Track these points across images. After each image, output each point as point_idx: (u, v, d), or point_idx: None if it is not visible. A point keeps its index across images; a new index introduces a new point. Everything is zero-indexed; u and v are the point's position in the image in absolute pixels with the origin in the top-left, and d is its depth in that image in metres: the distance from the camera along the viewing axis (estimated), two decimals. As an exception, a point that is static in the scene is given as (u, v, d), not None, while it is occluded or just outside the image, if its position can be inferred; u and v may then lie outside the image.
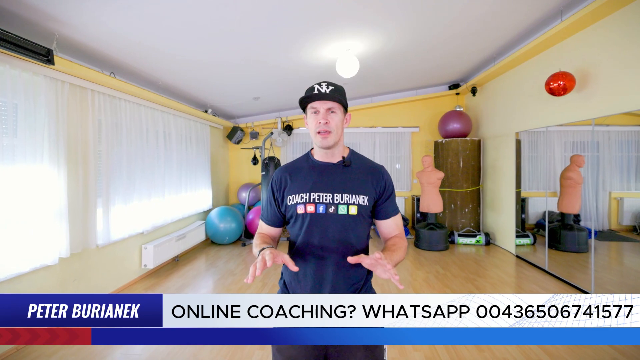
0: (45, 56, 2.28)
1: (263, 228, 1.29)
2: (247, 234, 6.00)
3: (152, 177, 4.23)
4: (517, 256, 4.94)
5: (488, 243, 5.60)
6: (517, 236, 5.03)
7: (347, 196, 1.17)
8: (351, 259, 0.99)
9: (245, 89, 5.31)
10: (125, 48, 3.23)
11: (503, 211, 5.40)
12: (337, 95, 1.16)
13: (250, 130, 7.13)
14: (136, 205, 3.90)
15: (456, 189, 6.06)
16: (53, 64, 2.36)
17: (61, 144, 2.77)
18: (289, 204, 1.19)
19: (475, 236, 5.65)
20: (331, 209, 1.16)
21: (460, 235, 5.74)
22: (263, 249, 1.06)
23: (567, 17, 3.49)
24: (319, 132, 1.16)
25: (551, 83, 3.64)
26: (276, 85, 5.28)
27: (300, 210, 1.17)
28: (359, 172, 1.23)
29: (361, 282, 1.20)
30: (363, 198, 1.18)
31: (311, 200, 1.17)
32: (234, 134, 6.97)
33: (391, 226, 1.26)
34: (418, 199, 6.60)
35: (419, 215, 6.56)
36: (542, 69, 4.25)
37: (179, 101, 5.10)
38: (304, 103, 1.19)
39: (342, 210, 1.16)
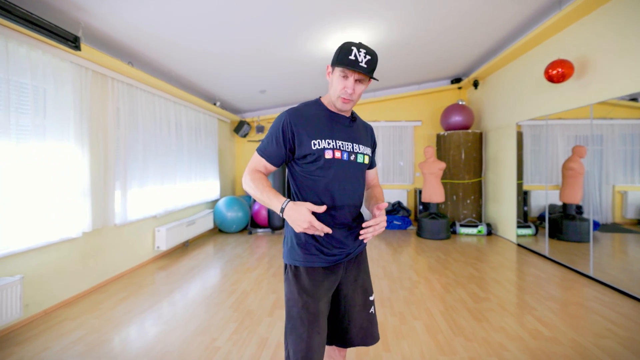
0: (73, 42, 2.48)
1: (260, 164, 1.26)
2: (253, 223, 6.18)
3: (164, 164, 4.43)
4: (519, 245, 5.05)
5: (490, 233, 5.72)
6: (519, 227, 5.13)
7: (362, 147, 1.30)
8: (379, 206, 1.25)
9: (252, 82, 5.49)
10: (142, 38, 3.42)
11: (505, 202, 5.50)
12: (371, 68, 1.18)
13: (256, 124, 7.31)
14: (150, 189, 4.10)
15: (458, 181, 6.18)
16: (79, 50, 2.56)
17: (84, 127, 2.98)
18: (313, 147, 1.20)
19: (477, 226, 5.77)
20: (352, 157, 1.26)
21: (462, 225, 5.85)
22: (287, 201, 1.13)
23: (566, 6, 3.60)
24: (341, 97, 1.21)
25: (550, 70, 3.76)
26: (281, 79, 5.45)
27: (328, 155, 1.21)
28: (361, 128, 1.37)
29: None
30: (369, 150, 1.35)
31: (337, 147, 1.23)
32: (240, 128, 7.16)
33: (375, 173, 1.52)
34: (420, 192, 6.74)
35: (421, 207, 6.69)
36: (542, 59, 4.36)
37: (189, 92, 5.29)
38: (335, 61, 1.20)
39: (359, 159, 1.29)
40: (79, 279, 3.09)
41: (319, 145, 1.21)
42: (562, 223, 4.54)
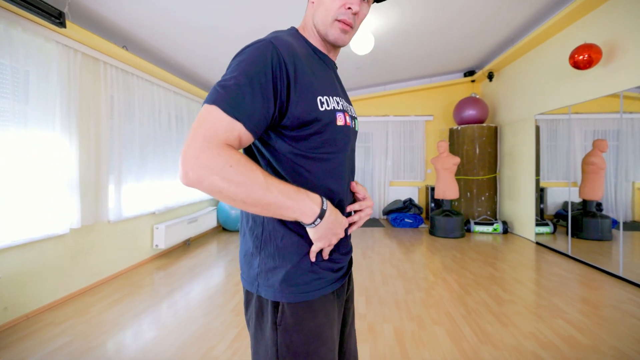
0: (57, 18, 2.25)
1: (232, 133, 0.65)
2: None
3: (164, 158, 4.21)
4: (537, 243, 4.78)
5: (506, 231, 5.44)
6: (537, 225, 4.87)
7: (353, 108, 0.92)
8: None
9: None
10: (137, 17, 3.17)
11: (521, 199, 5.23)
12: None
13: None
14: (148, 184, 3.88)
15: (472, 177, 5.90)
16: (65, 26, 2.34)
17: (73, 115, 2.75)
18: (321, 108, 0.75)
19: (492, 224, 5.49)
20: (353, 124, 0.87)
21: (476, 223, 5.58)
22: (326, 201, 0.74)
23: (593, -14, 3.34)
24: (340, 21, 0.80)
25: (576, 56, 3.49)
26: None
27: (340, 120, 0.79)
28: None
29: None
30: None
31: (345, 108, 0.82)
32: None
33: None
34: (432, 189, 6.47)
35: (433, 204, 6.43)
36: (564, 47, 4.09)
37: (192, 83, 5.07)
38: None
39: (357, 125, 0.91)
40: (68, 279, 2.86)
41: (328, 105, 0.77)
42: (583, 221, 4.29)
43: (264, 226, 0.79)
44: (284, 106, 0.71)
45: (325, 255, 0.79)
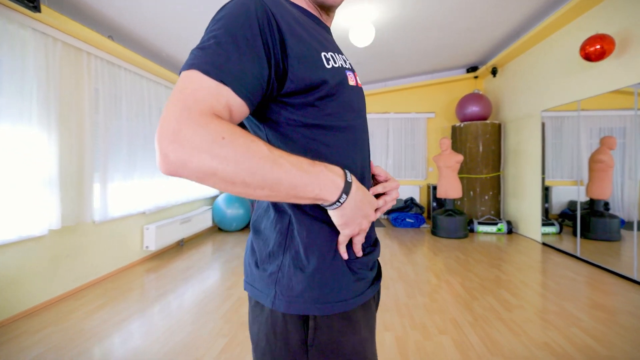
0: (30, 1, 2.08)
1: (219, 101, 0.49)
2: (256, 221, 5.78)
3: (155, 155, 4.03)
4: (544, 244, 4.60)
5: (510, 231, 5.27)
6: (542, 224, 4.70)
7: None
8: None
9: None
10: (125, 4, 2.98)
11: (526, 198, 5.06)
12: None
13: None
14: (137, 183, 3.70)
15: (475, 175, 5.73)
16: (39, 11, 2.16)
17: (52, 108, 2.57)
18: (327, 65, 0.61)
19: (496, 224, 5.32)
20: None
21: (480, 223, 5.40)
22: (347, 179, 0.57)
23: (606, -27, 3.16)
24: None
25: (587, 47, 3.31)
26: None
27: (352, 80, 0.66)
28: None
29: None
30: None
31: (354, 69, 0.71)
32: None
33: None
34: (434, 188, 6.30)
35: (434, 204, 6.26)
36: (572, 40, 3.91)
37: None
38: None
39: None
40: (46, 284, 2.68)
41: (335, 62, 0.63)
42: (590, 220, 4.12)
43: (290, 218, 0.62)
44: (281, 66, 0.55)
45: (358, 250, 0.63)
